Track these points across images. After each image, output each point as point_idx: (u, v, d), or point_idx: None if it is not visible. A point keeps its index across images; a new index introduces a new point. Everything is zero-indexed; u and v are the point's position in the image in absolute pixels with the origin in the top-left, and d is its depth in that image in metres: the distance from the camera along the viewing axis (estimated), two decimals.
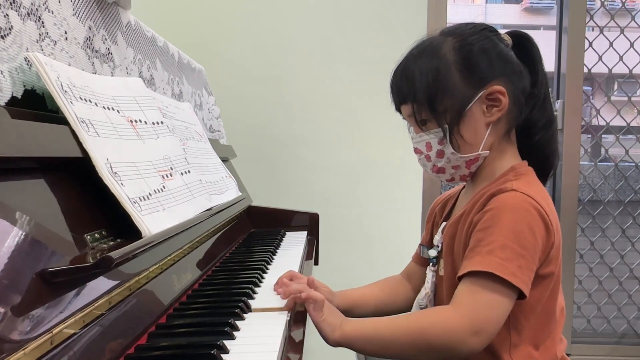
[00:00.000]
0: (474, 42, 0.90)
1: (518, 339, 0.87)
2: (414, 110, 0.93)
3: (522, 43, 0.95)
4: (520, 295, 0.82)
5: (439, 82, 0.90)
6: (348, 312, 1.03)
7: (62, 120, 0.68)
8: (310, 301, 0.83)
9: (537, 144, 0.95)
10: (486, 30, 0.93)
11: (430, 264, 0.99)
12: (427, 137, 0.93)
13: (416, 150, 0.97)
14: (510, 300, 0.82)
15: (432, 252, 0.99)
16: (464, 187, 1.03)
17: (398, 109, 0.97)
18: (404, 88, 0.93)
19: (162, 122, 0.97)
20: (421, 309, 0.99)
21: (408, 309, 1.09)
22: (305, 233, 1.57)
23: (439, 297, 0.97)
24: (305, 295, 0.83)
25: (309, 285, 0.96)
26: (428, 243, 1.05)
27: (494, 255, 0.81)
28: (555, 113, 0.99)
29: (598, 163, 2.41)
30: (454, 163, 0.93)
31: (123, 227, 0.71)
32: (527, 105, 0.93)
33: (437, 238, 0.99)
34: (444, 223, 0.98)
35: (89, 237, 0.66)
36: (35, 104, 0.71)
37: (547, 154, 0.96)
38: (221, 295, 0.89)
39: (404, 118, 0.98)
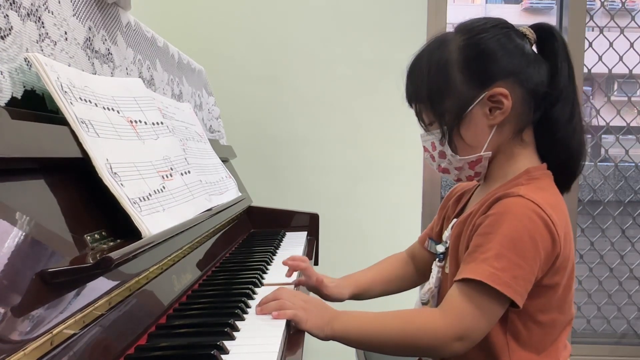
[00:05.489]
0: (480, 40, 0.87)
1: (516, 345, 0.86)
2: (417, 110, 0.92)
3: (545, 37, 0.90)
4: (514, 303, 0.80)
5: (440, 82, 0.87)
6: (358, 296, 1.09)
7: (62, 121, 0.68)
8: (288, 319, 0.81)
9: (559, 142, 0.90)
10: (498, 27, 0.88)
11: (437, 259, 0.98)
12: (432, 137, 0.91)
13: (424, 149, 0.95)
14: (501, 309, 0.81)
15: (440, 248, 0.97)
16: (478, 183, 0.99)
17: (410, 106, 0.96)
18: (410, 87, 0.93)
19: (162, 123, 0.97)
20: (423, 304, 0.99)
21: (412, 287, 1.13)
22: (305, 233, 1.57)
23: (443, 294, 0.94)
24: (275, 316, 0.80)
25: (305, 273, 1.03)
26: (437, 236, 1.04)
27: (488, 264, 0.79)
28: (581, 109, 0.92)
29: (598, 163, 2.41)
30: (456, 164, 0.91)
31: (123, 227, 0.71)
32: (540, 105, 0.88)
33: (446, 234, 0.97)
34: (455, 220, 0.96)
35: (88, 237, 0.66)
36: (35, 105, 0.71)
37: (570, 152, 0.90)
38: (221, 296, 0.89)
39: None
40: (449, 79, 0.87)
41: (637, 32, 2.29)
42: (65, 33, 0.82)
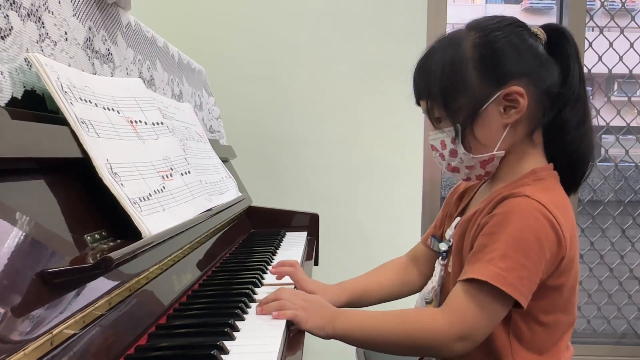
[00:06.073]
0: (495, 38, 0.86)
1: (519, 345, 0.85)
2: (428, 107, 0.90)
3: (556, 38, 0.89)
4: (518, 304, 0.80)
5: (454, 79, 0.86)
6: (354, 304, 1.05)
7: (62, 121, 0.68)
8: (288, 319, 0.80)
9: (568, 144, 0.90)
10: (512, 26, 0.88)
11: (440, 257, 0.97)
12: (442, 135, 0.90)
13: (432, 148, 0.93)
14: (504, 310, 0.81)
15: (443, 246, 0.97)
16: (485, 181, 0.99)
17: (418, 103, 0.94)
18: (420, 84, 0.91)
19: (162, 123, 0.97)
20: (427, 303, 0.98)
21: (413, 293, 1.09)
22: (305, 233, 1.57)
23: (446, 292, 0.94)
24: (275, 316, 0.80)
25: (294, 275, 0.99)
26: (439, 235, 1.04)
27: (493, 264, 0.79)
28: (591, 112, 0.93)
29: (598, 163, 2.40)
30: (467, 163, 0.90)
31: (123, 227, 0.71)
32: (553, 106, 0.88)
33: (449, 232, 0.96)
34: (458, 218, 0.96)
35: (89, 237, 0.66)
36: (35, 105, 0.71)
37: (579, 154, 0.91)
38: (221, 296, 0.89)
39: (423, 112, 0.94)
40: (464, 77, 0.86)
41: (637, 32, 2.29)
42: (66, 33, 0.82)
